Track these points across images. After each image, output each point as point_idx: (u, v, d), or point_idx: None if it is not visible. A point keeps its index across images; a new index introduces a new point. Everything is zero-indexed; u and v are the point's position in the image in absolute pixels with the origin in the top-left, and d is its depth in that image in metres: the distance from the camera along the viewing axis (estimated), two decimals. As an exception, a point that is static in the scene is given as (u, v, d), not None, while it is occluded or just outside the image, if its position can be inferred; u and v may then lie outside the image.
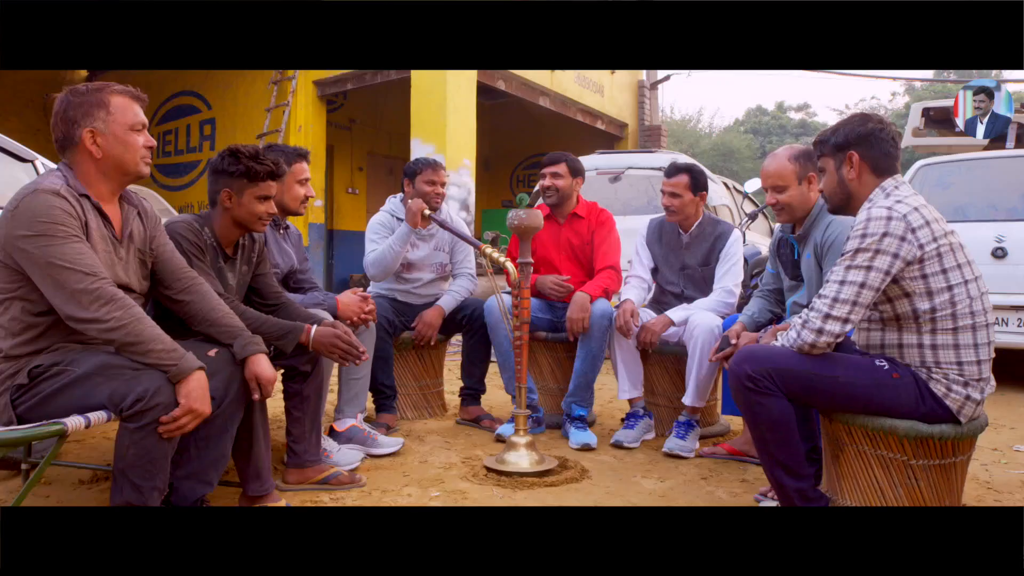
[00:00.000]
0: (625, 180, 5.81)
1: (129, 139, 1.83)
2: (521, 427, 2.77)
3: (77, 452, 2.86)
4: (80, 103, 1.79)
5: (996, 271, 4.41)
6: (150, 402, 1.64)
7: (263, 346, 2.01)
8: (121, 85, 1.86)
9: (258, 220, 2.28)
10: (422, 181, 3.36)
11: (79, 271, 1.67)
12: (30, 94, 10.73)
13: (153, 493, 1.72)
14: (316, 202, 9.00)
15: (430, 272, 3.50)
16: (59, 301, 1.68)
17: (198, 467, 2.00)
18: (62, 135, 1.80)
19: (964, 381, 1.88)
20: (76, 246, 1.69)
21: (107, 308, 1.67)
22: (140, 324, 1.71)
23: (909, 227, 1.85)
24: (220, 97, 9.97)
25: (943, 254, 1.87)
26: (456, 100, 7.97)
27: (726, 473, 2.77)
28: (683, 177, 3.21)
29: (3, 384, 1.74)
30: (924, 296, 1.88)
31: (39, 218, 1.66)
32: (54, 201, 1.68)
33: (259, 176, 2.23)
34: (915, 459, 1.90)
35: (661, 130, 12.47)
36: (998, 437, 3.42)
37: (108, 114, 1.80)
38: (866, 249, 1.86)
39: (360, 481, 2.50)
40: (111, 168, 1.83)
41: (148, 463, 1.69)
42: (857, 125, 2.04)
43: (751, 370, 1.95)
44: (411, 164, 3.46)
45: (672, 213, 3.25)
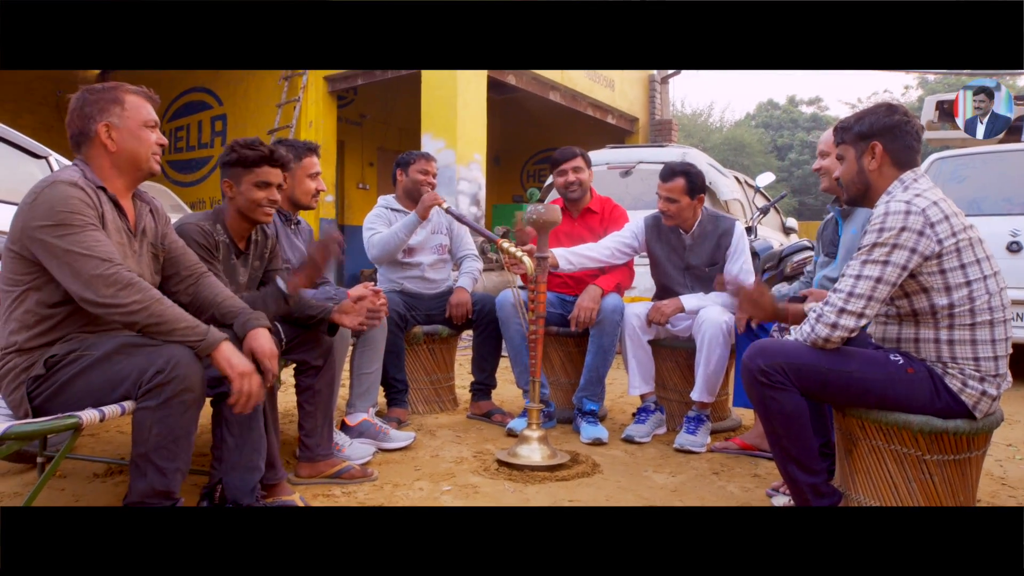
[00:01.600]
0: (636, 175, 5.79)
1: (142, 134, 1.88)
2: (534, 421, 2.77)
3: (92, 446, 2.89)
4: (96, 100, 1.84)
5: (1011, 265, 4.38)
6: (171, 373, 1.65)
7: (264, 321, 1.99)
8: (134, 86, 1.91)
9: (258, 208, 2.27)
10: (415, 171, 3.51)
11: (96, 258, 1.69)
12: (44, 92, 10.82)
13: (176, 476, 1.71)
14: (327, 197, 9.02)
15: (431, 254, 3.56)
16: (77, 288, 1.69)
17: (240, 456, 2.01)
18: (78, 130, 1.84)
19: (980, 376, 1.86)
20: (94, 234, 1.72)
21: (125, 292, 1.69)
22: (160, 304, 1.73)
23: (928, 222, 1.83)
24: (231, 93, 10.02)
25: (962, 249, 1.85)
26: (466, 95, 7.97)
27: (738, 468, 2.76)
28: (679, 181, 3.08)
29: (18, 377, 1.75)
30: (942, 291, 1.86)
31: (57, 207, 1.69)
32: (72, 191, 1.71)
33: (252, 162, 2.24)
34: (929, 454, 1.89)
35: (672, 124, 12.42)
36: (1013, 433, 3.39)
37: (123, 110, 1.85)
38: (883, 243, 1.84)
39: (372, 475, 2.51)
40: (125, 162, 1.87)
41: (172, 442, 1.68)
42: (883, 116, 1.99)
43: (764, 364, 1.94)
44: (405, 155, 3.60)
45: (669, 218, 3.16)
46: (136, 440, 1.68)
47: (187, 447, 1.73)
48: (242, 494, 1.99)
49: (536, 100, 10.19)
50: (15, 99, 10.32)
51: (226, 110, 10.16)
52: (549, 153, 5.12)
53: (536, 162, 13.85)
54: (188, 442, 1.73)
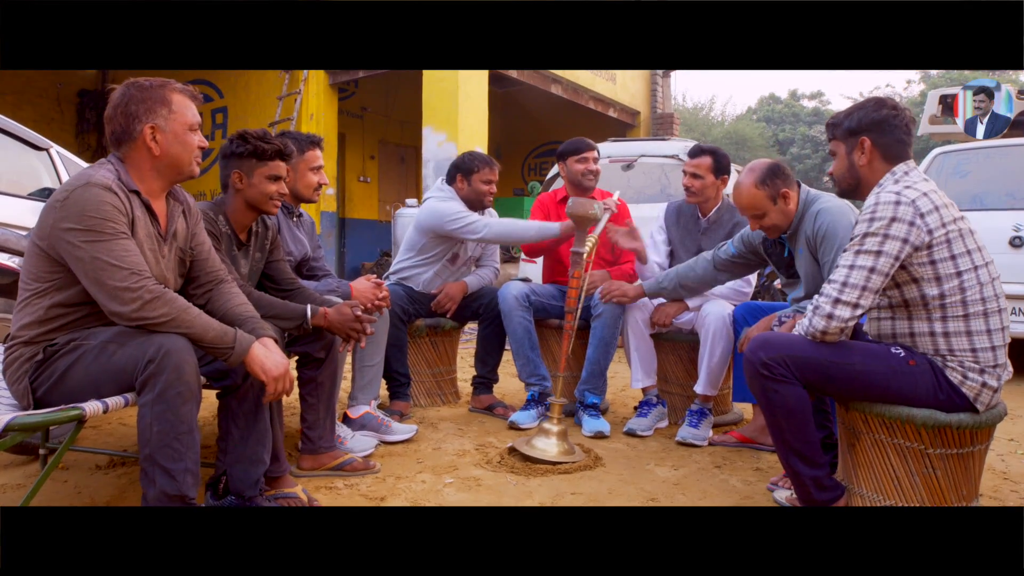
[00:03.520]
0: (638, 168, 5.78)
1: (187, 138, 1.83)
2: (556, 415, 2.77)
3: (94, 438, 2.89)
4: (143, 98, 1.78)
5: (1014, 260, 4.36)
6: (163, 363, 1.61)
7: (270, 331, 1.95)
8: (180, 83, 1.85)
9: (269, 200, 2.29)
10: (480, 181, 3.36)
11: (124, 268, 1.66)
12: (44, 84, 10.79)
13: (186, 477, 1.65)
14: (328, 190, 9.01)
15: (465, 264, 3.55)
16: (103, 298, 1.67)
17: (245, 448, 2.00)
18: (120, 128, 1.78)
19: (980, 368, 1.87)
20: (123, 243, 1.69)
21: (151, 305, 1.67)
22: (187, 314, 1.72)
23: (918, 212, 1.83)
24: (232, 86, 10.00)
25: (952, 240, 1.85)
26: (468, 88, 7.95)
27: (739, 461, 2.76)
28: (706, 159, 3.19)
29: (22, 367, 1.75)
30: (932, 282, 1.86)
31: (88, 212, 1.65)
32: (105, 196, 1.67)
33: (267, 155, 2.26)
34: (932, 448, 1.89)
35: (673, 118, 12.40)
36: (1015, 428, 3.39)
37: (170, 112, 1.80)
38: (875, 233, 1.85)
39: (374, 467, 2.52)
40: (167, 166, 1.83)
41: (174, 439, 1.63)
42: (871, 111, 2.00)
43: (766, 357, 1.94)
44: (468, 161, 3.39)
45: (693, 194, 3.23)
46: (140, 442, 1.65)
47: (191, 444, 1.66)
48: (245, 486, 1.99)
49: (538, 94, 10.17)
50: (16, 91, 10.30)
51: (227, 103, 10.14)
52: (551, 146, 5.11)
53: (537, 155, 13.81)
54: (191, 439, 1.67)
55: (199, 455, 1.71)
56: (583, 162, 3.39)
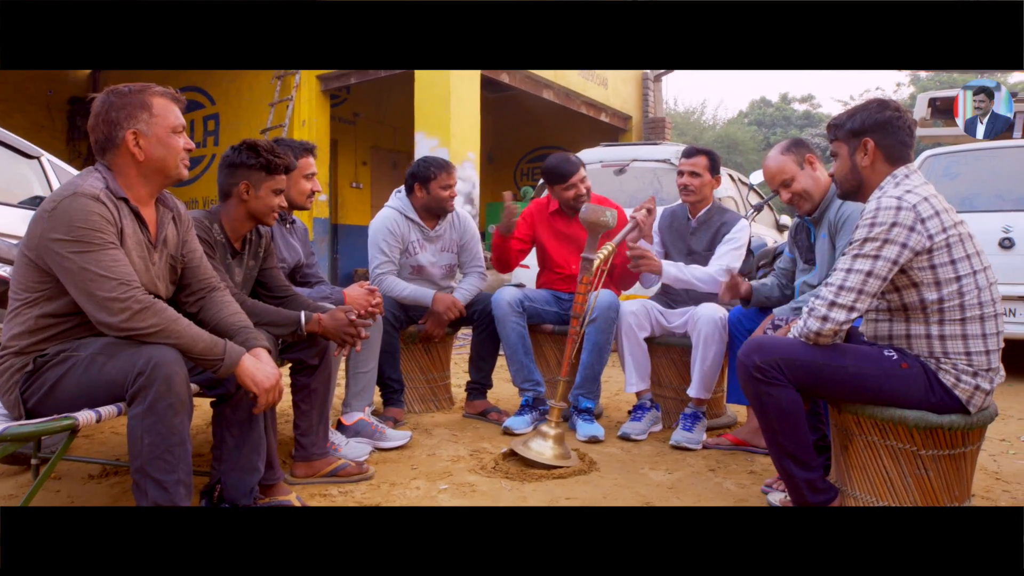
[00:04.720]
0: (630, 172, 5.79)
1: (171, 141, 1.82)
2: (554, 419, 2.77)
3: (86, 447, 2.87)
4: (123, 104, 1.77)
5: (1003, 261, 4.40)
6: (152, 375, 1.60)
7: (263, 341, 1.95)
8: (161, 87, 1.84)
9: (271, 213, 2.32)
10: (438, 187, 3.29)
11: (112, 279, 1.65)
12: (34, 91, 10.74)
13: (179, 488, 1.64)
14: (321, 196, 9.00)
15: (439, 272, 3.48)
16: (92, 309, 1.66)
17: (240, 456, 2.00)
18: (103, 136, 1.77)
19: (973, 371, 1.88)
20: (112, 253, 1.68)
21: (140, 316, 1.66)
22: (177, 325, 1.71)
23: (919, 217, 1.84)
24: (224, 92, 9.97)
25: (952, 244, 1.86)
26: (460, 94, 7.97)
27: (733, 464, 2.77)
28: (702, 158, 3.27)
29: (13, 378, 1.74)
30: (932, 286, 1.87)
31: (76, 223, 1.64)
32: (92, 206, 1.66)
33: (278, 169, 2.28)
34: (924, 449, 1.90)
35: (665, 122, 12.42)
36: (1006, 428, 3.41)
37: (151, 116, 1.79)
38: (874, 239, 1.85)
39: (368, 471, 2.51)
40: (152, 171, 1.82)
41: (166, 451, 1.62)
42: (875, 112, 2.01)
43: (760, 360, 1.95)
44: (423, 169, 3.29)
45: (690, 193, 3.28)
46: (131, 455, 1.63)
47: (183, 456, 1.65)
48: (240, 494, 1.99)
49: (530, 98, 10.18)
50: (6, 99, 10.24)
51: (218, 109, 10.11)
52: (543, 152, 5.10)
53: (530, 160, 13.82)
54: (183, 451, 1.65)
55: (191, 466, 1.70)
56: (570, 189, 3.35)
